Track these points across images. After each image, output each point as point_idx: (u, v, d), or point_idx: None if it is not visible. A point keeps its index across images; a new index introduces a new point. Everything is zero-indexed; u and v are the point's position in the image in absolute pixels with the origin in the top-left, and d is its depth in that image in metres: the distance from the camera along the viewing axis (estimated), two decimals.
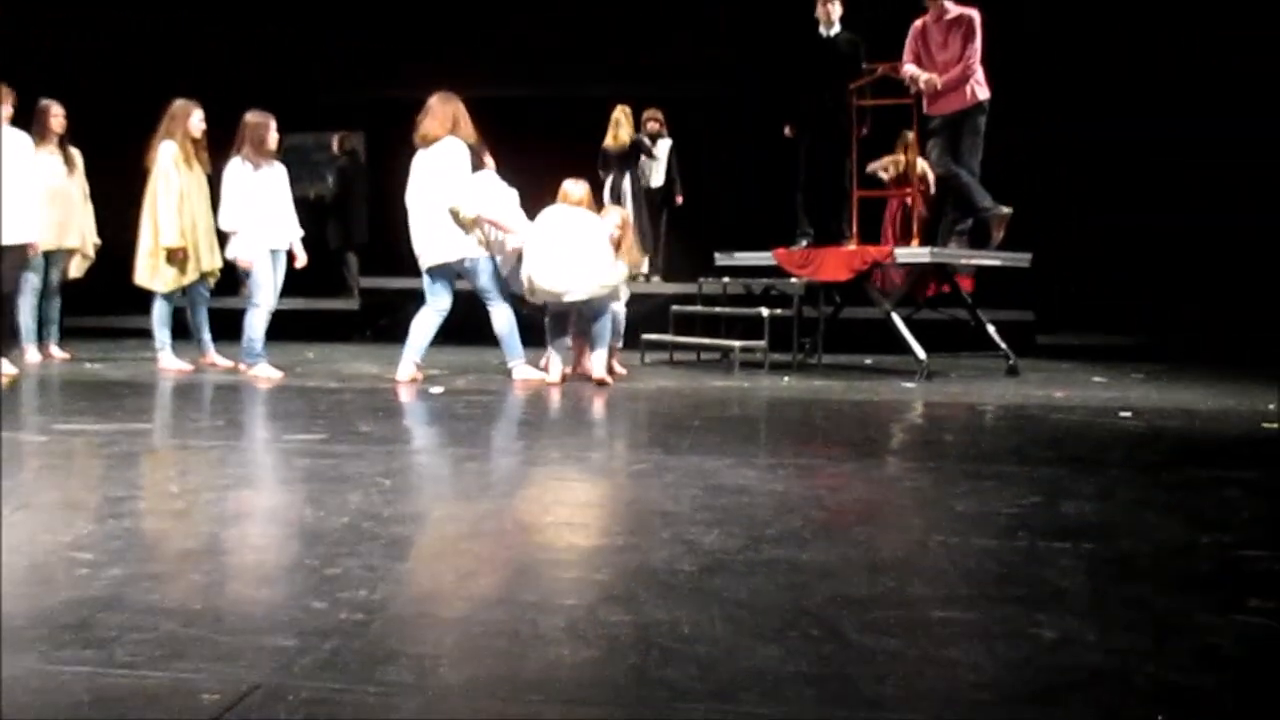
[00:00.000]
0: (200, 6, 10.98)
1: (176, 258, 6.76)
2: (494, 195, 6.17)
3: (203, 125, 6.88)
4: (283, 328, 7.56)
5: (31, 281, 7.28)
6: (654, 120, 10.09)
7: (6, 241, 6.25)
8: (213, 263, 6.97)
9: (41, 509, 2.80)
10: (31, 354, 7.30)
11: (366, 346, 9.61)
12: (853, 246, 7.65)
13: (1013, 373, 7.27)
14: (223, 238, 6.81)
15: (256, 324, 6.55)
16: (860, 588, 2.14)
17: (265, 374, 6.44)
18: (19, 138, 6.42)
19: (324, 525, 2.66)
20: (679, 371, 7.32)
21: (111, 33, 10.59)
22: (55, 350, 7.57)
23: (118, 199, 7.47)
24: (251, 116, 6.62)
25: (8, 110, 6.39)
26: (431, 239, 6.11)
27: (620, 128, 9.87)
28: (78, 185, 7.62)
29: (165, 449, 4.01)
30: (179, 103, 6.85)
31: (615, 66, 10.87)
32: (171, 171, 6.71)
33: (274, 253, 6.73)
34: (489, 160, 6.44)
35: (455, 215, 6.01)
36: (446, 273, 6.18)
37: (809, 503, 3.00)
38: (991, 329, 7.54)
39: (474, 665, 1.69)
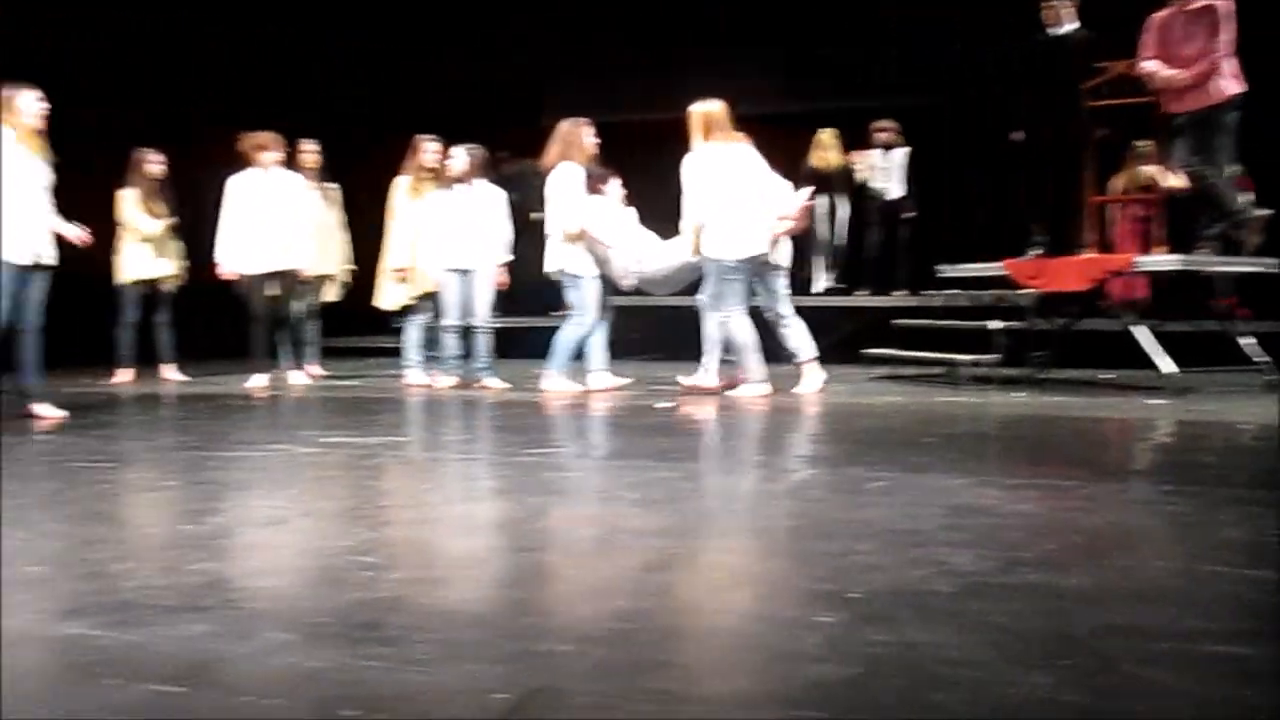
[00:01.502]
0: (426, 37, 11.59)
1: (401, 278, 7.41)
2: (597, 213, 6.61)
3: (436, 158, 7.40)
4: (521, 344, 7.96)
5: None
6: (885, 130, 9.86)
7: (283, 267, 7.20)
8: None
9: (322, 516, 3.04)
10: (293, 376, 7.91)
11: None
12: (1089, 255, 7.27)
13: (1273, 388, 6.71)
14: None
15: (450, 343, 7.11)
16: (1128, 616, 2.05)
17: (495, 385, 6.96)
18: (292, 178, 7.34)
19: (575, 536, 2.78)
20: (903, 386, 7.17)
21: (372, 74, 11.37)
22: (314, 370, 8.18)
23: (365, 228, 8.12)
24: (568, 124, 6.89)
25: (279, 155, 7.25)
26: (546, 253, 6.75)
27: (827, 150, 9.79)
28: (334, 216, 8.26)
29: (421, 461, 4.27)
30: (416, 138, 7.49)
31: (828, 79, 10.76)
32: (401, 201, 7.43)
33: (464, 273, 7.07)
34: (613, 181, 6.82)
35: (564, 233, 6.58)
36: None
37: (1063, 526, 2.89)
38: (1249, 341, 6.99)
39: (740, 678, 1.72)
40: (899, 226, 9.90)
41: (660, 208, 6.92)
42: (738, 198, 6.08)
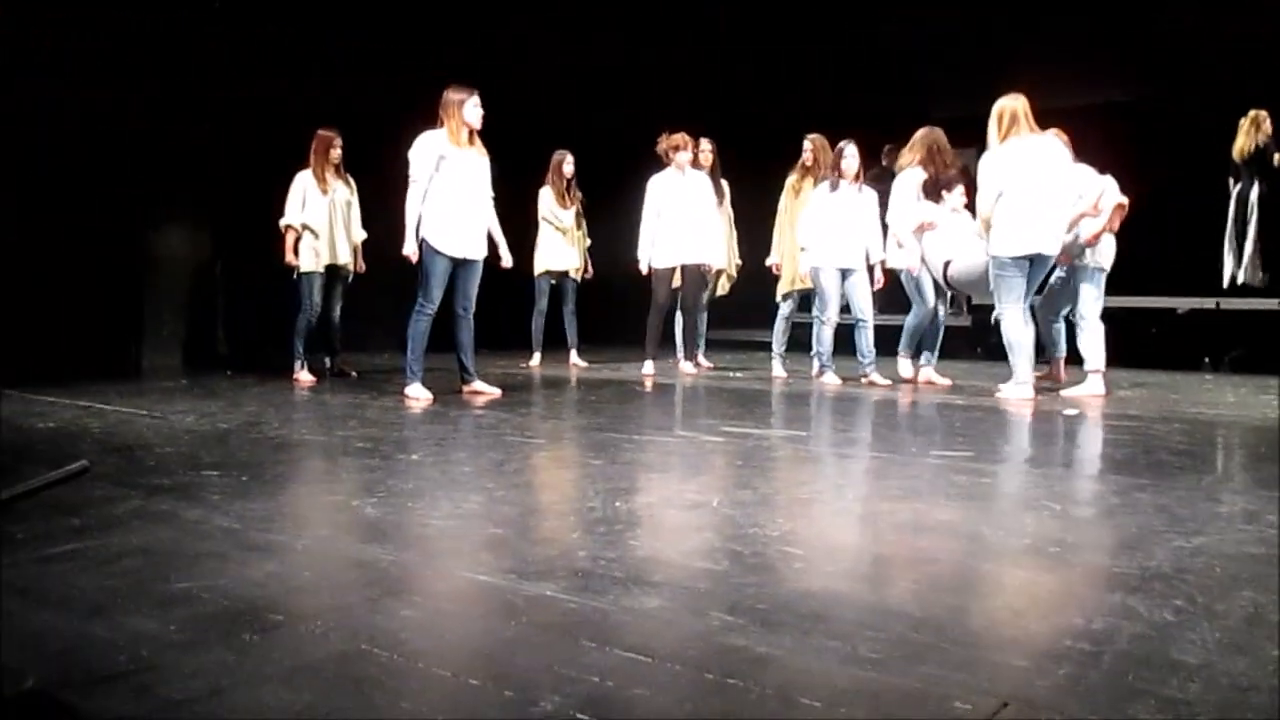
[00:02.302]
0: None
1: (775, 273, 7.98)
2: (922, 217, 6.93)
3: (810, 156, 7.85)
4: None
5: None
6: None
7: (693, 261, 7.83)
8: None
9: (743, 504, 3.12)
10: (685, 366, 8.28)
11: (976, 363, 9.50)
12: None
13: None
14: None
15: (825, 337, 7.24)
16: None
17: (880, 380, 7.06)
18: (701, 177, 7.92)
19: (1008, 545, 2.66)
20: None
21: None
22: (703, 360, 8.50)
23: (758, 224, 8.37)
24: (844, 144, 7.25)
25: (691, 154, 7.83)
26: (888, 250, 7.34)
27: (1253, 131, 8.69)
28: (725, 213, 8.52)
29: (824, 455, 4.28)
30: (812, 136, 7.71)
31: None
32: (788, 197, 7.94)
33: (845, 271, 7.19)
34: (957, 189, 7.01)
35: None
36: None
37: None
38: None
39: None
40: None
41: None
42: (1025, 192, 5.88)
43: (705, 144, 8.40)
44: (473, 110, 5.77)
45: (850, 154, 7.12)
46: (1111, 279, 6.62)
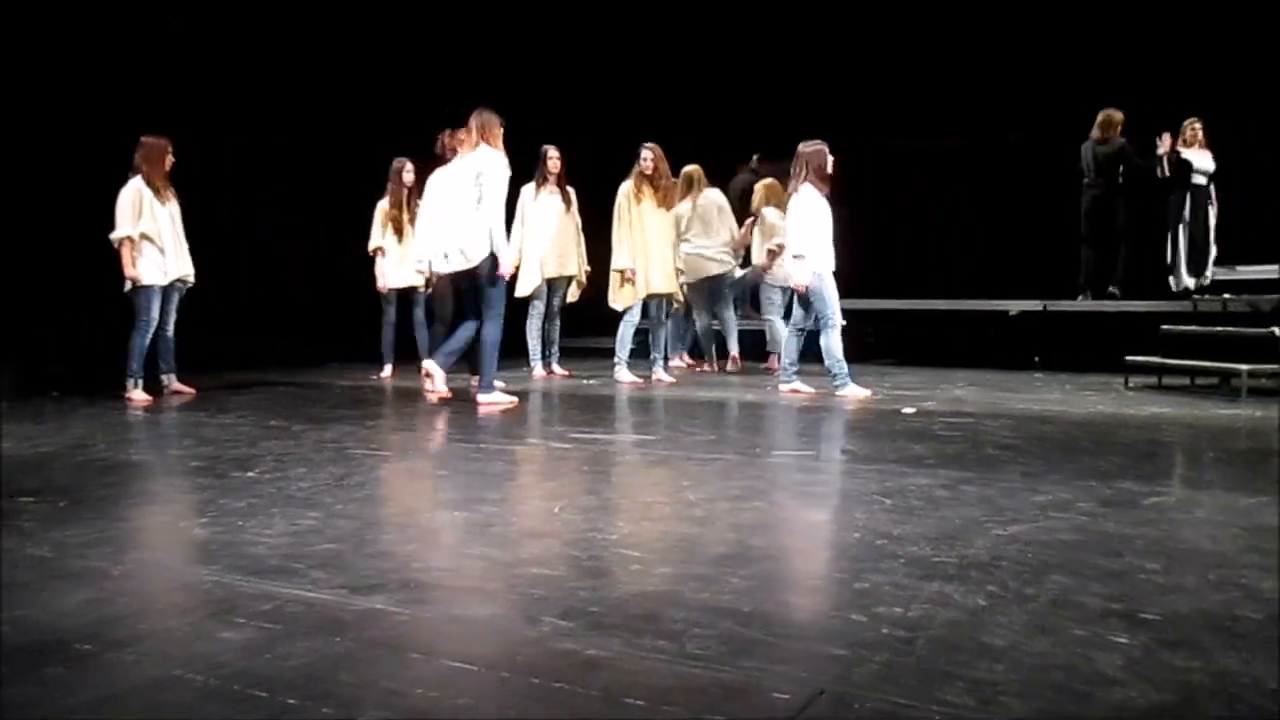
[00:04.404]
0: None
1: (626, 278, 7.70)
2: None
3: (650, 165, 7.71)
4: None
5: (537, 308, 8.25)
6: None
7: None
8: (661, 286, 7.79)
9: (585, 510, 3.13)
10: (537, 371, 8.24)
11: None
12: None
13: None
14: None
15: (834, 345, 6.60)
16: None
17: (855, 394, 6.47)
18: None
19: (839, 539, 2.74)
20: (1172, 397, 6.67)
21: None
22: (557, 368, 8.48)
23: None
24: (809, 146, 6.80)
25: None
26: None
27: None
28: (573, 220, 8.51)
29: (671, 459, 4.33)
30: (651, 145, 7.80)
31: None
32: (623, 205, 7.74)
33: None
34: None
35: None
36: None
37: None
38: None
39: (1037, 698, 1.64)
40: None
41: None
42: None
43: (553, 151, 8.39)
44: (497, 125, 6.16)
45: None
46: (952, 285, 6.88)
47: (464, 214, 6.01)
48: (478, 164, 6.03)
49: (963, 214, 11.09)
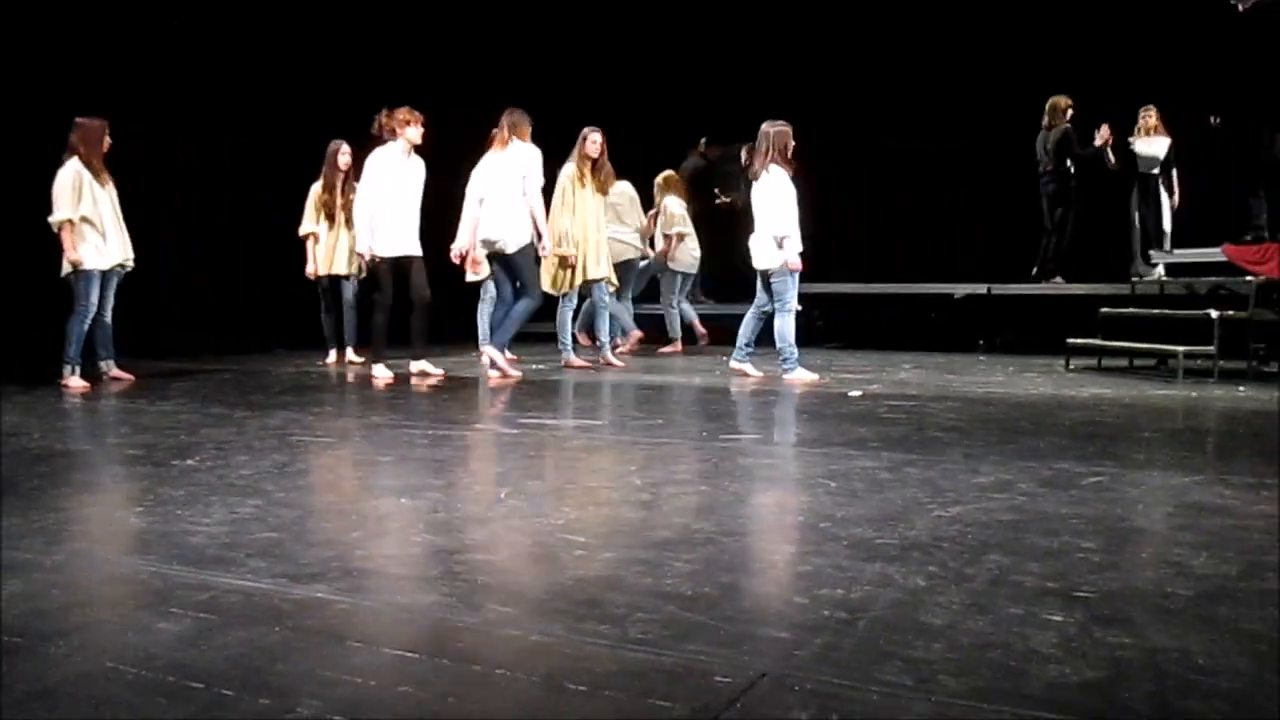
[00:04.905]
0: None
1: (568, 264, 7.59)
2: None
3: (599, 148, 7.57)
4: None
5: (489, 291, 8.19)
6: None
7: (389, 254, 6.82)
8: (598, 271, 7.69)
9: (531, 495, 3.12)
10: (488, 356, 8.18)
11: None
12: None
13: None
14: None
15: (787, 329, 6.58)
16: None
17: (803, 378, 6.48)
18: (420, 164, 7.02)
19: (783, 522, 2.76)
20: (1111, 379, 6.80)
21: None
22: (506, 353, 8.42)
23: None
24: (774, 126, 6.69)
25: (420, 131, 6.87)
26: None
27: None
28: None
29: (619, 443, 4.33)
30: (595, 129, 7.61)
31: None
32: (567, 189, 7.56)
33: None
34: None
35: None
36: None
37: None
38: None
39: (973, 676, 1.66)
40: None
41: None
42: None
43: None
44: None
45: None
46: (895, 269, 6.93)
47: (508, 203, 6.69)
48: (520, 159, 6.70)
49: (911, 199, 11.20)
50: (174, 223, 8.91)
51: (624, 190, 8.71)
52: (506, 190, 6.73)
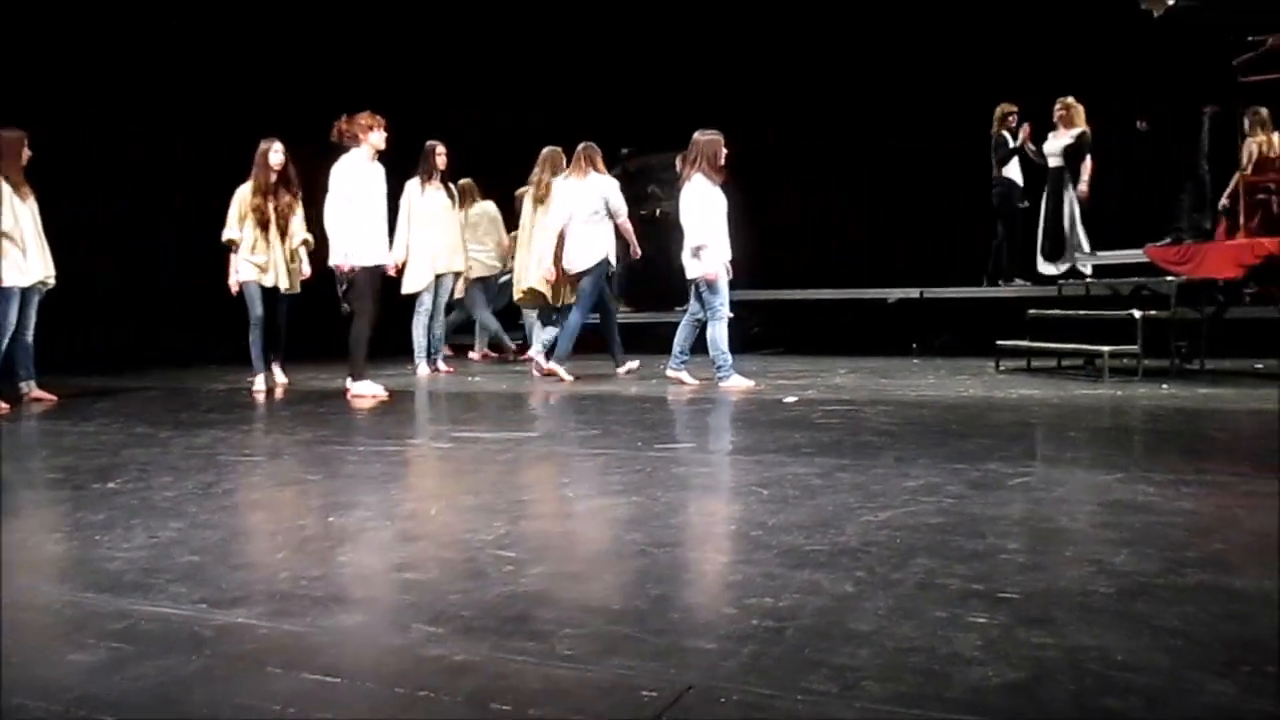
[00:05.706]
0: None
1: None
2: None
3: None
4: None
5: (424, 304, 8.13)
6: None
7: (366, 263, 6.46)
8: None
9: (462, 510, 3.09)
10: (422, 369, 8.10)
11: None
12: (1241, 239, 6.90)
13: None
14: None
15: (720, 337, 6.60)
16: None
17: (738, 385, 6.46)
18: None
19: (714, 531, 2.75)
20: (1039, 380, 6.93)
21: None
22: (442, 366, 8.36)
23: None
24: (705, 135, 6.69)
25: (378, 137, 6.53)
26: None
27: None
28: (459, 215, 8.43)
29: (552, 455, 4.30)
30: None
31: None
32: (534, 204, 7.85)
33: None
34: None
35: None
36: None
37: (1229, 524, 2.73)
38: None
39: (897, 681, 1.67)
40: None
41: None
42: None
43: (440, 147, 8.30)
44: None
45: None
46: (833, 275, 6.98)
47: (587, 227, 7.28)
48: (600, 188, 7.32)
49: (843, 204, 11.30)
50: (174, 223, 8.73)
51: (485, 210, 9.09)
52: (586, 216, 7.31)
